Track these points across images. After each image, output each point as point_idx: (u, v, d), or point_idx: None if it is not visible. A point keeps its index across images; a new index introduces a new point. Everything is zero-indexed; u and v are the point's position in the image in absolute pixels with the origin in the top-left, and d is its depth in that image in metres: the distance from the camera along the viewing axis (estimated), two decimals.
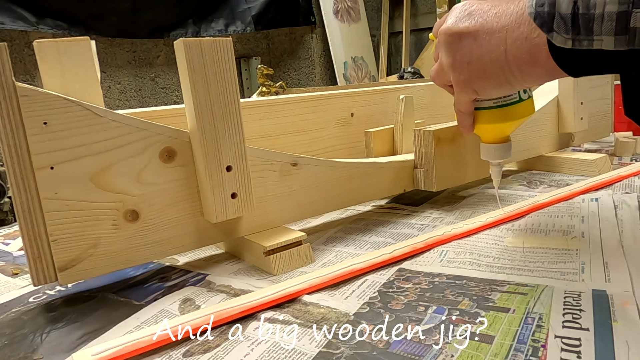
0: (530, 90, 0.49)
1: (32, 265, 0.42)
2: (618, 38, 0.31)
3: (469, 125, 0.50)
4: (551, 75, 0.38)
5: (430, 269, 0.46)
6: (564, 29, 0.34)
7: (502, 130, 0.50)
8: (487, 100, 0.47)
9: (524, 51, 0.37)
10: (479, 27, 0.39)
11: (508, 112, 0.47)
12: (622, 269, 0.42)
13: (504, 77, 0.40)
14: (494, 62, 0.39)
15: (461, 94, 0.45)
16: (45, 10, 1.79)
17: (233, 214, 0.49)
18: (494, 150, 0.51)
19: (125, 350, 0.35)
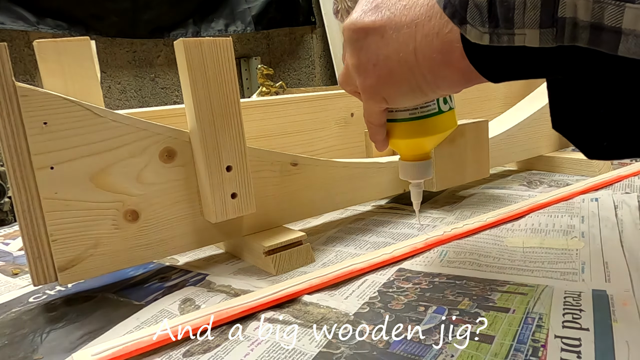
0: (452, 101, 0.43)
1: (32, 265, 0.42)
2: (544, 32, 0.25)
3: (382, 140, 0.43)
4: (467, 80, 0.32)
5: (430, 269, 0.46)
6: (479, 20, 0.28)
7: (420, 146, 0.44)
8: (401, 111, 0.41)
9: (435, 50, 0.31)
10: (386, 22, 0.33)
11: (425, 125, 0.41)
12: (622, 269, 0.42)
13: (415, 81, 0.34)
14: (403, 63, 0.33)
15: (369, 102, 0.38)
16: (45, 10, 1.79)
17: (233, 214, 0.49)
18: (412, 169, 0.45)
19: (125, 350, 0.35)
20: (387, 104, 0.38)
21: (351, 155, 0.74)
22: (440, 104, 0.41)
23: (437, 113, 0.41)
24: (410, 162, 0.45)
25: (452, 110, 0.43)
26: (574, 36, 0.24)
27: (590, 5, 0.23)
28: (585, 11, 0.23)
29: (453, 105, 0.43)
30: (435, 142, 0.44)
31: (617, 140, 0.33)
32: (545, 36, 0.26)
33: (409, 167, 0.45)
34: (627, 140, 0.32)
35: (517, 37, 0.27)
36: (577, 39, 0.25)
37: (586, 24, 0.24)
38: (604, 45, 0.24)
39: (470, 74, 0.31)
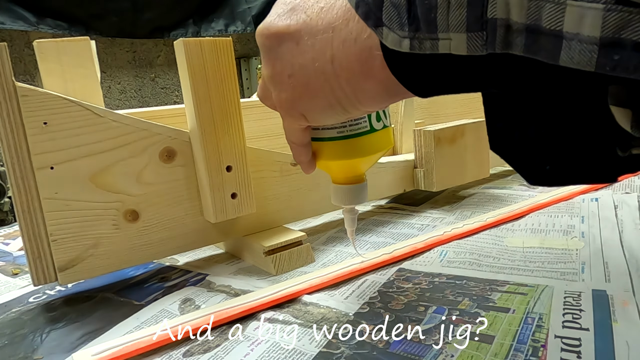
0: (387, 118, 0.38)
1: (32, 265, 0.42)
2: (472, 36, 0.21)
3: (307, 162, 0.38)
4: (391, 94, 0.28)
5: (430, 269, 0.46)
6: (397, 22, 0.23)
7: (351, 168, 0.39)
8: (328, 129, 0.36)
9: (353, 58, 0.27)
10: (302, 26, 0.29)
11: (356, 145, 0.37)
12: (622, 269, 0.42)
13: (333, 95, 0.29)
14: (319, 74, 0.28)
15: (287, 118, 0.33)
16: (45, 10, 1.79)
17: (233, 214, 0.49)
18: (343, 193, 0.40)
19: (125, 350, 0.35)
20: (306, 121, 0.32)
21: None
22: (372, 121, 0.37)
23: (368, 132, 0.37)
24: (342, 186, 0.40)
25: (386, 128, 0.38)
26: (507, 42, 0.20)
27: (525, 3, 0.19)
28: (519, 11, 0.19)
29: (388, 122, 0.39)
30: (367, 163, 0.39)
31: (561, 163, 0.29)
32: (474, 42, 0.21)
33: (340, 191, 0.40)
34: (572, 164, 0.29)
35: (442, 43, 0.22)
36: (511, 45, 0.20)
37: (521, 26, 0.20)
38: (543, 52, 0.20)
39: (393, 87, 0.27)
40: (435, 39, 0.23)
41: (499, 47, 0.21)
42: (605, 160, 0.29)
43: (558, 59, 0.19)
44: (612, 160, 0.28)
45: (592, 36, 0.18)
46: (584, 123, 0.28)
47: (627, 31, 0.17)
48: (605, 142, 0.28)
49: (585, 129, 0.28)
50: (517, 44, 0.20)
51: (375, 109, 0.31)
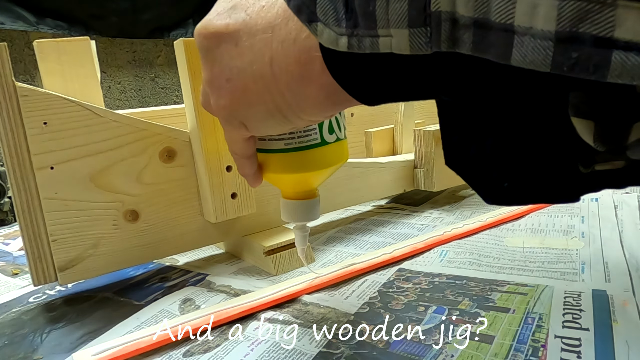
0: (342, 130, 0.36)
1: (32, 265, 0.42)
2: (415, 32, 0.19)
3: (253, 174, 0.35)
4: (334, 102, 0.25)
5: (430, 269, 0.46)
6: (333, 17, 0.21)
7: (300, 183, 0.36)
8: (275, 140, 0.33)
9: (292, 60, 0.24)
10: (241, 26, 0.26)
11: (305, 158, 0.34)
12: (622, 269, 0.42)
13: (273, 102, 0.26)
14: (258, 78, 0.26)
15: (226, 127, 0.31)
16: (45, 10, 1.79)
17: (233, 214, 0.49)
18: (293, 209, 0.38)
19: (125, 350, 0.35)
20: (247, 131, 0.30)
21: (351, 155, 0.74)
22: (323, 133, 0.34)
23: (319, 145, 0.34)
24: (291, 201, 0.37)
25: (340, 141, 0.35)
26: (454, 39, 0.18)
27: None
28: (466, 2, 0.17)
29: (342, 135, 0.36)
30: (318, 178, 0.37)
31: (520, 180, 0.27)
32: (417, 39, 0.19)
33: (290, 207, 0.38)
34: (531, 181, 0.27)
35: (382, 41, 0.20)
36: (458, 42, 0.18)
37: (468, 20, 0.17)
38: (493, 51, 0.17)
39: (336, 94, 0.24)
40: (375, 36, 0.20)
41: (445, 45, 0.18)
42: (567, 177, 0.27)
43: (510, 58, 0.17)
44: (574, 177, 0.27)
45: (546, 30, 0.15)
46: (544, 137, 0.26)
47: (586, 24, 0.15)
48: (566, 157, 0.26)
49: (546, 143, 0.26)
50: (464, 41, 0.18)
51: (319, 118, 0.28)
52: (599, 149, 0.24)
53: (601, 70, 0.15)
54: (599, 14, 0.14)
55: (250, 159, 0.34)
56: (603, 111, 0.23)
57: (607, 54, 0.15)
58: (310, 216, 0.38)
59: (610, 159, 0.26)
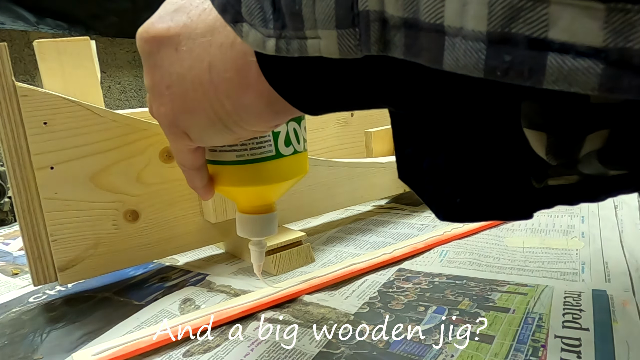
0: (300, 142, 0.34)
1: (32, 265, 0.42)
2: (343, 34, 0.17)
3: (203, 187, 0.33)
4: (275, 110, 0.23)
5: (430, 269, 0.46)
6: (259, 17, 0.20)
7: (255, 197, 0.35)
8: (226, 151, 0.32)
9: (230, 66, 0.23)
10: (182, 29, 0.24)
11: (258, 171, 0.32)
12: (622, 269, 0.42)
13: (213, 111, 0.25)
14: (197, 85, 0.24)
15: (169, 137, 0.28)
16: (45, 10, 1.79)
17: (233, 214, 0.49)
18: (249, 223, 0.36)
19: (125, 350, 0.35)
20: (190, 141, 0.28)
21: (351, 155, 0.74)
22: (278, 145, 0.32)
23: (273, 157, 0.32)
24: (247, 215, 0.35)
25: (298, 154, 0.34)
26: (385, 41, 0.17)
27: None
28: (395, 0, 0.16)
29: (301, 147, 0.34)
30: (274, 192, 0.35)
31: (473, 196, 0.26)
32: (346, 41, 0.17)
33: (245, 221, 0.36)
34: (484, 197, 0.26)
35: (311, 44, 0.18)
36: (390, 45, 0.17)
37: (399, 21, 0.16)
38: (425, 54, 0.16)
39: (276, 102, 0.23)
40: (302, 38, 0.19)
41: (376, 48, 0.17)
42: (520, 193, 0.26)
43: (442, 62, 0.15)
44: (527, 193, 0.26)
45: (477, 31, 0.14)
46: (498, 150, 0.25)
47: (518, 23, 0.13)
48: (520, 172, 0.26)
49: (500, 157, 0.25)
50: (396, 43, 0.16)
51: (263, 129, 0.26)
52: (551, 162, 0.23)
53: (536, 76, 0.14)
54: (532, 11, 0.13)
55: (200, 171, 0.32)
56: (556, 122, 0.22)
57: (541, 57, 0.13)
58: (267, 231, 0.36)
59: (564, 173, 0.25)
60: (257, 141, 0.32)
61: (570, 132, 0.23)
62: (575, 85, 0.13)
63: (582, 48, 0.13)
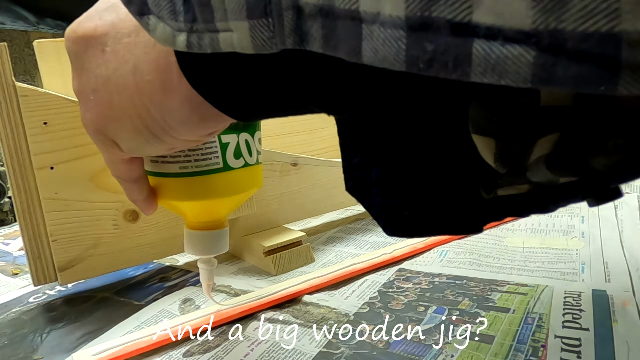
0: (252, 154, 0.31)
1: (32, 265, 0.42)
2: (255, 25, 0.16)
3: (143, 199, 0.30)
4: (202, 117, 0.21)
5: (430, 269, 0.46)
6: (168, 8, 0.18)
7: (203, 212, 0.32)
8: (169, 162, 0.29)
9: (153, 67, 0.21)
10: (109, 29, 0.22)
11: (203, 185, 0.30)
12: (622, 269, 0.42)
13: (139, 118, 0.22)
14: (122, 88, 0.22)
15: (98, 145, 0.26)
16: (45, 10, 1.79)
17: (233, 214, 0.49)
18: (197, 240, 0.33)
19: (125, 350, 0.35)
20: (120, 150, 0.25)
21: None
22: (227, 157, 0.30)
23: (221, 170, 0.30)
24: (194, 232, 0.33)
25: (249, 167, 0.31)
26: (301, 32, 0.15)
27: None
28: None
29: (254, 160, 0.32)
30: (223, 207, 0.32)
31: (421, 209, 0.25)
32: (259, 33, 0.16)
33: (193, 238, 0.33)
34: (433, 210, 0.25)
35: (223, 37, 0.17)
36: (307, 37, 0.15)
37: (314, 8, 0.14)
38: (343, 46, 0.14)
39: (202, 107, 0.21)
40: (214, 31, 0.17)
41: (292, 41, 0.15)
42: (469, 205, 0.25)
43: (360, 54, 0.14)
44: (476, 205, 0.25)
45: (395, 16, 0.12)
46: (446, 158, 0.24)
47: (439, 5, 0.12)
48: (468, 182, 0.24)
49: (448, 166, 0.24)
50: (313, 35, 0.15)
51: (195, 138, 0.24)
52: (500, 170, 0.22)
53: (462, 67, 0.12)
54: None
55: (138, 183, 0.29)
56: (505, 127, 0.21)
57: (466, 45, 0.12)
58: (217, 249, 0.33)
59: (514, 182, 0.24)
60: (203, 152, 0.29)
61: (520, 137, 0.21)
62: (505, 77, 0.11)
63: (510, 32, 0.11)
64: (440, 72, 0.12)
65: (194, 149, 0.29)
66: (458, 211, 0.25)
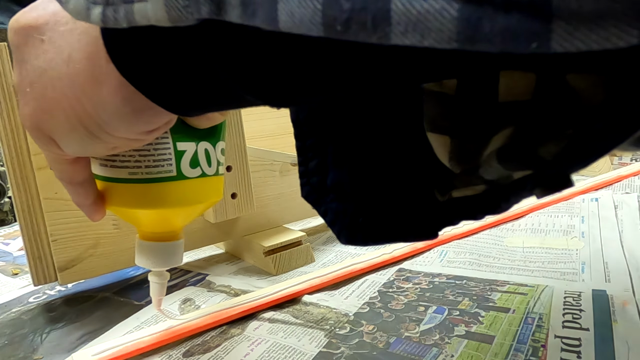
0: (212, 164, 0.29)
1: (32, 265, 0.42)
2: None
3: (89, 205, 0.28)
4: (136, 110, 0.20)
5: (430, 269, 0.46)
6: None
7: (153, 221, 0.30)
8: (118, 167, 0.27)
9: (84, 54, 0.19)
10: (50, 18, 0.21)
11: (154, 193, 0.28)
12: (622, 269, 0.42)
13: (73, 112, 0.21)
14: (56, 80, 0.20)
15: (37, 143, 0.24)
16: None
17: (233, 214, 0.49)
18: (148, 252, 0.31)
19: (125, 351, 0.35)
20: (59, 149, 0.23)
21: None
22: (181, 165, 0.28)
23: (173, 178, 0.28)
24: (145, 242, 0.31)
25: (207, 177, 0.29)
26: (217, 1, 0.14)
27: None
28: None
29: (213, 171, 0.30)
30: (177, 217, 0.30)
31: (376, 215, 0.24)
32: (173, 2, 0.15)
33: (144, 249, 0.31)
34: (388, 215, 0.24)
35: (138, 8, 0.15)
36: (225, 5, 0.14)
37: None
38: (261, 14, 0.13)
39: (133, 98, 0.19)
40: (129, 2, 0.15)
41: (208, 10, 0.14)
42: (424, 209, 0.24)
43: (277, 20, 0.13)
44: (431, 209, 0.24)
45: None
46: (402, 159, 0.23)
47: None
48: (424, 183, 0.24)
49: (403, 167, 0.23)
50: (232, 3, 0.14)
51: (133, 136, 0.22)
52: (454, 169, 0.22)
53: (382, 27, 0.11)
54: None
55: (84, 187, 0.27)
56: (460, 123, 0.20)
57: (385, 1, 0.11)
58: (169, 262, 0.31)
59: (470, 182, 0.23)
60: (155, 158, 0.27)
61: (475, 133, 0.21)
62: (428, 37, 0.10)
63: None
64: (360, 35, 0.11)
65: (145, 155, 0.27)
66: (413, 216, 0.24)
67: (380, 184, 0.24)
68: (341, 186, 0.25)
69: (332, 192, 0.25)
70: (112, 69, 0.19)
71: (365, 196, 0.24)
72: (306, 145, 0.25)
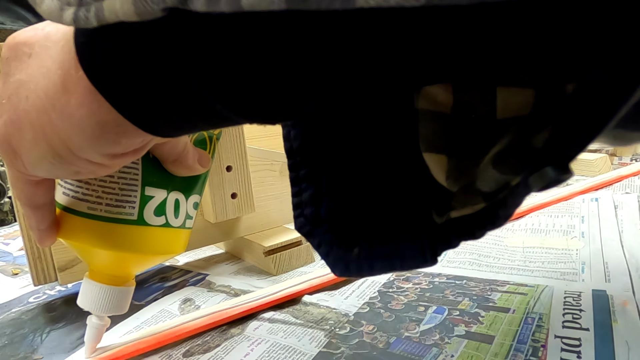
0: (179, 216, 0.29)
1: (32, 265, 0.42)
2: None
3: (43, 230, 0.27)
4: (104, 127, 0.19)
5: (430, 269, 0.46)
6: None
7: (106, 262, 0.29)
8: (79, 199, 0.26)
9: (57, 64, 0.19)
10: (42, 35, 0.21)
11: (109, 232, 0.27)
12: (622, 269, 0.42)
13: (39, 124, 0.20)
14: (31, 92, 0.20)
15: (3, 158, 0.23)
16: None
17: (233, 214, 0.49)
18: (93, 293, 0.29)
19: (125, 351, 0.35)
20: (24, 167, 0.22)
21: None
22: (144, 211, 0.27)
23: (133, 222, 0.27)
24: (92, 282, 0.29)
25: (170, 229, 0.28)
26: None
27: None
28: None
29: (179, 223, 0.29)
30: (131, 263, 0.29)
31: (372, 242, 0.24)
32: None
33: (90, 290, 0.29)
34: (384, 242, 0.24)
35: (107, 4, 0.15)
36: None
37: None
38: None
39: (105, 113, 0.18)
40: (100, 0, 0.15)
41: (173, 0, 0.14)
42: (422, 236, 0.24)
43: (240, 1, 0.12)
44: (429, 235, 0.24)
45: None
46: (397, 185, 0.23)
47: None
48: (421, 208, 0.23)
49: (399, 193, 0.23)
50: None
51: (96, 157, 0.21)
52: (452, 187, 0.21)
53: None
54: None
55: (42, 211, 0.26)
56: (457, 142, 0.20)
57: None
58: (113, 308, 0.30)
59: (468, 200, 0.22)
60: (118, 198, 0.26)
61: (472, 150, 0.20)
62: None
63: None
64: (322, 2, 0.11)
65: (109, 192, 0.26)
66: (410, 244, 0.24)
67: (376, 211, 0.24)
68: (335, 216, 0.24)
69: (326, 222, 0.25)
70: (81, 77, 0.18)
71: (360, 225, 0.24)
72: (299, 176, 0.25)
